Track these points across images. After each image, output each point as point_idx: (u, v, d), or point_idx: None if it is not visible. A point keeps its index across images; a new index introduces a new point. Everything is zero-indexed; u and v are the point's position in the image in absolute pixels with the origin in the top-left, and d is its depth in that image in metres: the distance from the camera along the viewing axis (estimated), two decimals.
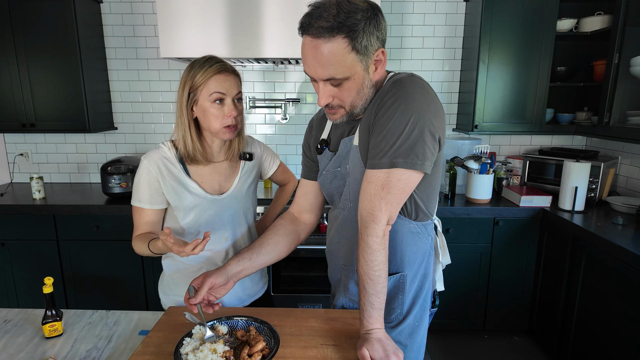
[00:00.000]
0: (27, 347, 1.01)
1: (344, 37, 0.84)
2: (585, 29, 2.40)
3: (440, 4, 2.62)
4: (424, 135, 0.87)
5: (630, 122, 2.09)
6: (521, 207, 2.30)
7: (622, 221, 1.97)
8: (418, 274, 1.06)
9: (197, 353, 0.85)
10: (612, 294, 1.76)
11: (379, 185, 0.89)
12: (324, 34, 0.84)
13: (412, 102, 0.87)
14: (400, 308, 1.06)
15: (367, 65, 0.90)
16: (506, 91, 2.44)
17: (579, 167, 2.16)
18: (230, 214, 1.24)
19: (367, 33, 0.86)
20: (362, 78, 0.90)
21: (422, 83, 0.92)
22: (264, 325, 0.99)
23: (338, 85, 0.90)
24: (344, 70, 0.87)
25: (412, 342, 1.07)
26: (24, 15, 2.32)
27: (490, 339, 2.51)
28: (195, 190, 1.18)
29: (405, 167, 0.88)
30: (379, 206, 0.89)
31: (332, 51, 0.85)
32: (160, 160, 1.16)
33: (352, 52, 0.86)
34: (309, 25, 0.85)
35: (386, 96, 0.90)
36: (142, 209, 1.17)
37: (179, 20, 2.16)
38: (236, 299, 1.29)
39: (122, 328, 1.09)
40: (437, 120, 0.90)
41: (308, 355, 0.91)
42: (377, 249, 0.90)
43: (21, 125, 2.46)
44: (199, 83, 1.10)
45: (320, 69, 0.88)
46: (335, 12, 0.83)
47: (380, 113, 0.90)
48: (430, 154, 0.90)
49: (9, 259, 2.35)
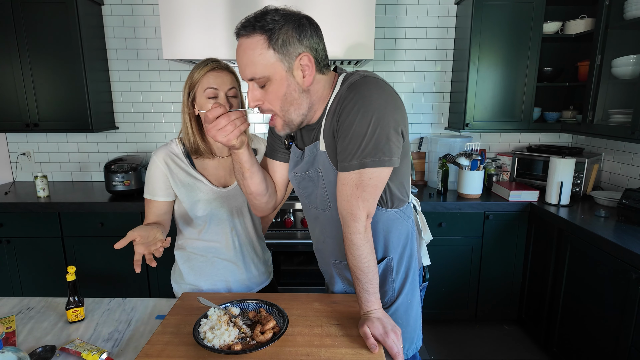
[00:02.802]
0: (52, 331, 1.08)
1: (261, 34, 0.90)
2: (570, 32, 2.51)
3: (432, 7, 2.72)
4: (386, 132, 0.92)
5: (612, 120, 2.20)
6: (510, 201, 2.41)
7: (605, 214, 2.09)
8: (404, 256, 1.13)
9: (215, 331, 0.93)
10: (595, 282, 1.87)
11: (353, 186, 0.95)
12: (244, 32, 0.91)
13: (370, 102, 0.91)
14: (392, 290, 1.13)
15: (291, 67, 0.93)
16: (496, 91, 2.55)
17: (564, 163, 2.27)
18: (234, 206, 1.32)
19: (286, 33, 0.90)
20: (285, 80, 0.93)
21: (376, 82, 0.95)
22: (273, 307, 1.07)
23: (264, 87, 0.95)
24: (263, 69, 0.91)
25: (407, 318, 1.16)
26: (27, 18, 2.37)
27: (481, 328, 2.61)
28: (202, 183, 1.27)
29: (374, 166, 0.93)
30: (356, 205, 0.96)
31: (250, 47, 0.91)
32: (168, 156, 1.26)
33: (270, 49, 0.90)
34: (238, 28, 0.93)
35: (345, 101, 0.94)
36: (151, 201, 1.28)
37: (181, 22, 2.23)
38: (244, 287, 1.37)
39: (140, 313, 1.17)
40: (397, 114, 0.94)
41: (314, 333, 1.00)
42: (361, 244, 0.97)
43: (25, 125, 2.52)
44: (195, 81, 1.20)
45: (243, 68, 0.94)
46: (260, 16, 0.91)
47: (342, 118, 0.94)
48: (396, 148, 0.95)
49: (15, 256, 2.41)
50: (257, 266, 1.41)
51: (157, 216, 1.28)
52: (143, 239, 1.04)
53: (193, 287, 1.34)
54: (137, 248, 1.04)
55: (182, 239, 1.36)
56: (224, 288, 1.35)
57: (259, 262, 1.42)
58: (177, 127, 2.86)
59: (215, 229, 1.31)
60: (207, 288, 1.34)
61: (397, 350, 0.94)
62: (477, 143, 2.58)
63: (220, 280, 1.34)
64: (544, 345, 2.30)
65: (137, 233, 1.03)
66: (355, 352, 0.93)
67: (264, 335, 0.94)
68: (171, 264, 1.39)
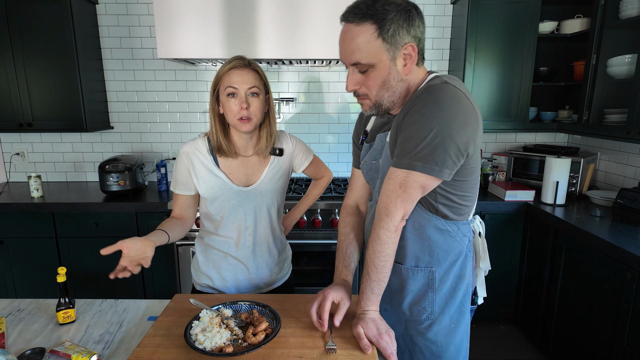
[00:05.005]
0: (42, 333, 1.07)
1: (372, 23, 0.90)
2: (566, 31, 2.51)
3: (428, 6, 2.71)
4: (445, 144, 0.89)
5: (607, 120, 2.21)
6: (506, 201, 2.41)
7: (600, 213, 2.09)
8: (450, 274, 1.07)
9: (206, 333, 0.92)
10: (591, 282, 1.87)
11: (397, 184, 0.94)
12: (355, 19, 0.92)
13: (440, 110, 0.89)
14: (431, 307, 1.07)
15: (395, 56, 0.93)
16: (492, 90, 2.54)
17: (560, 162, 2.27)
18: (253, 205, 1.31)
19: (396, 24, 0.90)
20: (387, 68, 0.94)
21: (454, 91, 0.92)
22: (265, 308, 1.06)
23: (365, 72, 0.95)
24: (369, 57, 0.92)
25: (448, 342, 1.09)
26: (21, 16, 2.35)
27: (477, 328, 2.61)
28: (222, 180, 1.27)
29: (422, 172, 0.91)
30: (394, 202, 0.95)
31: (359, 35, 0.91)
32: (192, 152, 1.28)
33: (379, 39, 0.91)
34: (347, 13, 0.93)
35: (417, 100, 0.93)
36: (175, 194, 1.32)
37: (176, 22, 2.22)
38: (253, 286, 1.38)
39: (131, 315, 1.16)
40: (466, 130, 0.90)
41: (307, 334, 1.00)
42: (386, 241, 0.96)
43: (18, 125, 2.50)
44: (218, 79, 1.21)
45: (348, 53, 0.95)
46: (371, 3, 0.91)
47: (409, 115, 0.93)
48: (451, 162, 0.92)
49: (8, 257, 2.39)
50: (270, 267, 1.40)
51: (180, 209, 1.33)
52: (130, 251, 1.06)
53: (207, 277, 1.36)
54: (122, 260, 1.07)
55: (202, 231, 1.39)
56: (233, 284, 1.36)
57: (273, 263, 1.40)
58: (172, 126, 2.85)
59: (231, 226, 1.31)
60: (218, 281, 1.35)
61: (390, 352, 0.93)
62: None
63: (230, 275, 1.35)
64: (540, 345, 2.30)
65: (126, 245, 1.06)
66: (349, 353, 0.92)
67: (256, 337, 0.93)
68: (166, 267, 1.39)
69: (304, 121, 2.88)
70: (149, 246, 1.11)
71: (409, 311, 1.10)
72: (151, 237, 1.15)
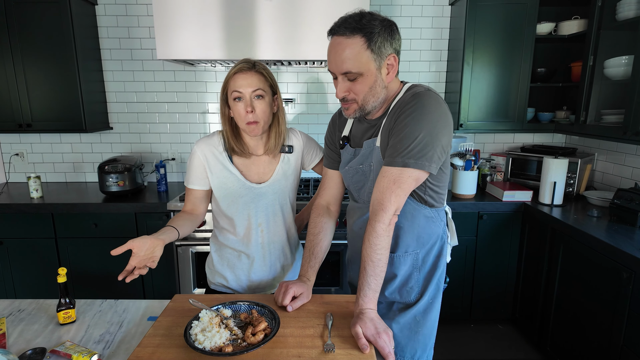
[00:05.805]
0: (43, 333, 1.08)
1: (362, 36, 1.00)
2: (564, 32, 2.52)
3: (426, 7, 2.73)
4: (433, 142, 1.02)
5: (604, 121, 2.22)
6: (504, 201, 2.42)
7: (597, 214, 2.10)
8: (431, 254, 1.20)
9: (206, 333, 0.93)
10: (588, 281, 1.88)
11: (391, 180, 1.03)
12: (345, 32, 1.01)
13: (427, 114, 1.02)
14: (418, 286, 1.20)
15: (380, 65, 1.04)
16: (490, 91, 2.56)
17: (557, 163, 2.28)
18: (265, 203, 1.32)
19: (382, 37, 1.02)
20: (374, 76, 1.05)
21: (437, 97, 1.07)
22: (264, 308, 1.07)
23: (354, 80, 1.04)
24: (359, 66, 1.02)
25: (425, 319, 1.20)
26: (21, 17, 2.36)
27: (475, 328, 2.62)
28: (235, 177, 1.29)
29: (415, 167, 1.03)
30: (388, 198, 1.03)
31: (350, 46, 1.01)
32: (208, 148, 1.30)
33: (368, 50, 1.01)
34: (337, 27, 1.03)
35: (406, 106, 1.05)
36: (188, 188, 1.35)
37: (175, 23, 2.22)
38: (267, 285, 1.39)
39: (132, 315, 1.17)
40: (446, 130, 1.05)
41: (306, 334, 1.01)
42: (381, 234, 1.04)
43: (17, 126, 2.50)
44: (226, 83, 1.24)
45: (339, 63, 1.03)
46: (358, 19, 1.01)
47: (400, 119, 1.05)
48: (437, 158, 1.05)
49: (7, 258, 2.39)
50: (284, 267, 1.41)
51: (192, 204, 1.35)
52: (140, 250, 1.07)
53: (221, 277, 1.38)
54: (131, 260, 1.08)
55: (216, 229, 1.40)
56: (246, 283, 1.37)
57: (287, 264, 1.41)
58: (171, 127, 2.86)
59: (244, 223, 1.32)
60: (232, 279, 1.37)
61: (388, 351, 0.95)
62: (471, 143, 2.59)
63: (244, 274, 1.36)
64: (538, 345, 2.31)
65: (136, 244, 1.07)
66: (347, 353, 0.93)
67: (255, 337, 0.94)
68: (165, 267, 1.40)
69: (303, 122, 2.89)
70: (158, 245, 1.12)
71: (399, 294, 1.21)
72: (160, 236, 1.15)
